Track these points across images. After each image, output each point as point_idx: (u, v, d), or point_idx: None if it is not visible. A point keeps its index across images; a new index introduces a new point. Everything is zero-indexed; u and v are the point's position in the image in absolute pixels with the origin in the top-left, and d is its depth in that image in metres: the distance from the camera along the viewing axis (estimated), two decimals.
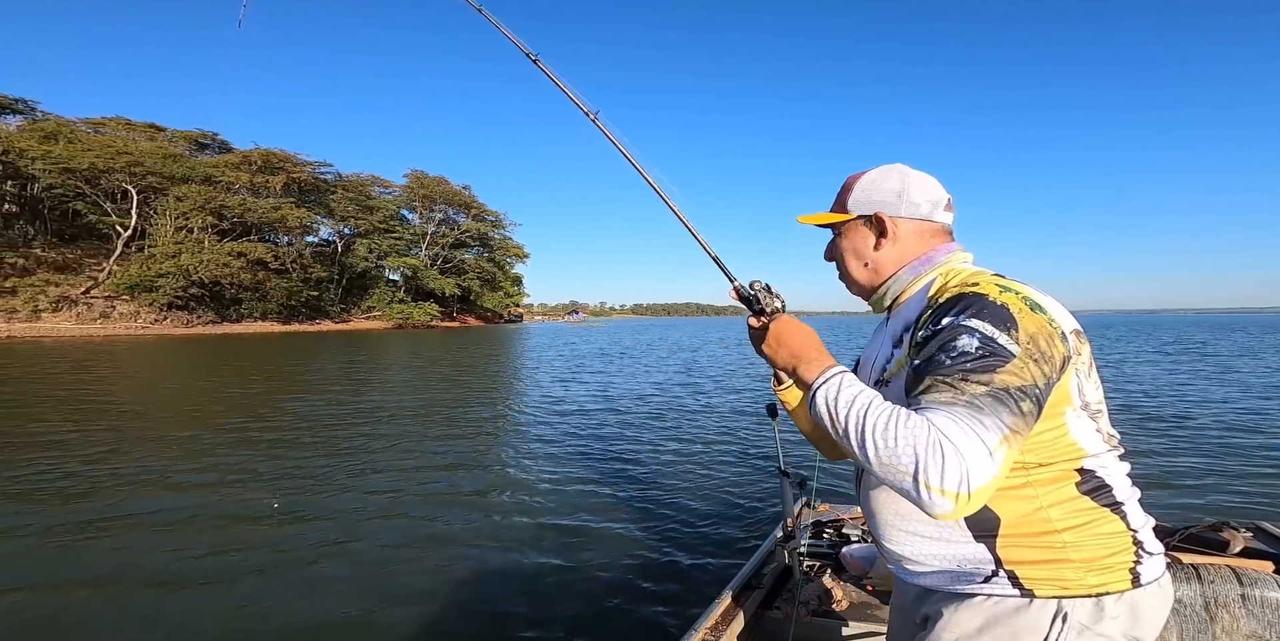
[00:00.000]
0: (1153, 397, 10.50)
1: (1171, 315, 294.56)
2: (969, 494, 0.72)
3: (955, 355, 0.80)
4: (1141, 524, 0.95)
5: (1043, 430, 0.87)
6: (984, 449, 0.74)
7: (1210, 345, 26.83)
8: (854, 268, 1.10)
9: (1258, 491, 4.82)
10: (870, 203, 1.07)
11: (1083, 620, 0.88)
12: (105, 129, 50.09)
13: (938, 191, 1.07)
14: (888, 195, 1.06)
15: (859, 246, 1.09)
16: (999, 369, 0.78)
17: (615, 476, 5.31)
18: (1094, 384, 0.93)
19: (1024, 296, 0.87)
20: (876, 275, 1.08)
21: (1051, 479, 0.90)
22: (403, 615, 2.89)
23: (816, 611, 2.01)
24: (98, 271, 43.88)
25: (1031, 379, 0.79)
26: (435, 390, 11.97)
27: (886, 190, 1.06)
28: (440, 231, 70.28)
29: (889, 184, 1.06)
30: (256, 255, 48.23)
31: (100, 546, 3.75)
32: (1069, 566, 0.89)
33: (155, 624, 2.86)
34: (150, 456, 6.02)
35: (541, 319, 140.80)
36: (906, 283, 1.05)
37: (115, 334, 38.37)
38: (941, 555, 0.97)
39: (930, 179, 1.09)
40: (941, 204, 1.07)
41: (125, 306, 42.95)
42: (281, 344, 29.98)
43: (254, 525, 4.14)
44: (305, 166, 57.20)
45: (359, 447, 6.50)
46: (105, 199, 45.07)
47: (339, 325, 55.71)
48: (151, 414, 8.76)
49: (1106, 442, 0.94)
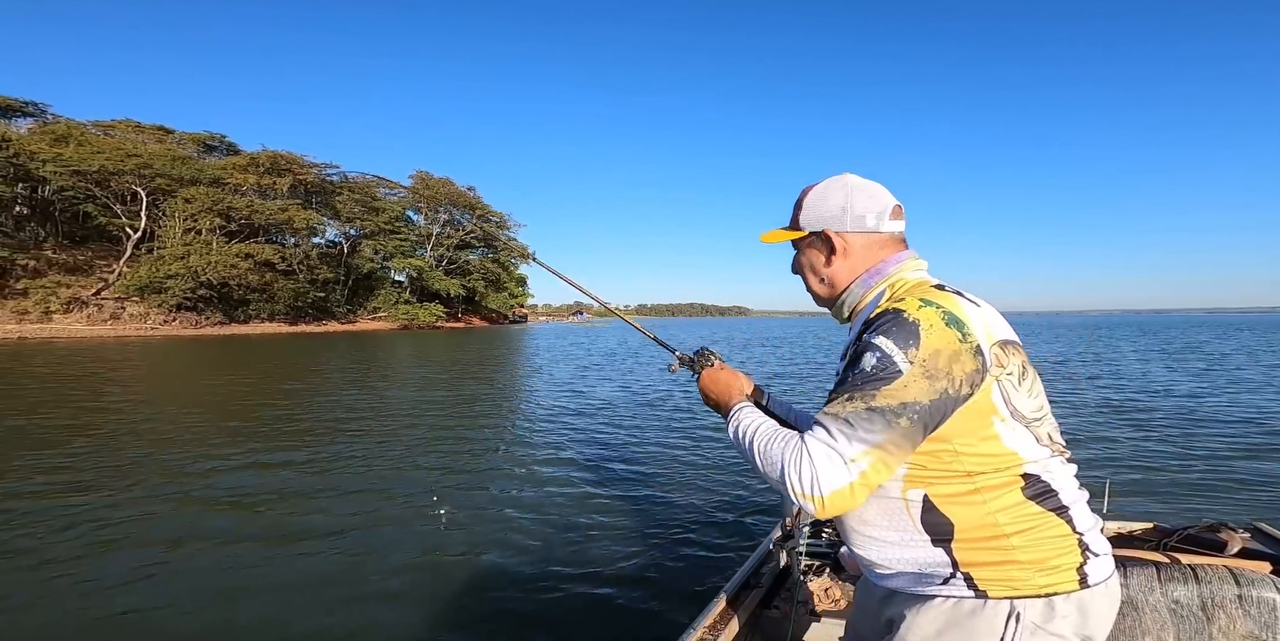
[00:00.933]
0: (1151, 397, 10.54)
1: (1181, 315, 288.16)
2: (823, 497, 0.85)
3: (856, 372, 0.91)
4: (1088, 526, 0.98)
5: (972, 440, 0.93)
6: (839, 459, 0.86)
7: (1209, 345, 26.69)
8: (813, 283, 1.15)
9: (1255, 491, 4.81)
10: (818, 219, 1.10)
11: (1035, 619, 0.93)
12: (115, 131, 50.55)
13: (881, 201, 1.09)
14: (833, 211, 1.08)
15: (814, 262, 1.13)
16: (883, 388, 0.87)
17: (616, 476, 5.33)
18: (1027, 393, 0.95)
19: (944, 311, 0.91)
20: (833, 289, 1.12)
21: (998, 485, 0.94)
22: (397, 611, 2.89)
23: (815, 610, 2.02)
24: (108, 273, 44.25)
25: (916, 396, 0.86)
26: (443, 390, 12.12)
27: (832, 206, 1.08)
28: (445, 232, 70.56)
29: (834, 199, 1.09)
30: (264, 256, 48.49)
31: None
32: (1018, 567, 0.92)
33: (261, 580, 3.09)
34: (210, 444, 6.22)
35: (546, 319, 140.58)
36: (860, 296, 1.09)
37: (125, 335, 38.70)
38: (904, 558, 1.00)
39: (875, 189, 1.10)
40: (887, 213, 1.08)
41: (135, 307, 43.28)
42: (291, 345, 30.13)
43: (249, 512, 4.22)
44: (312, 168, 57.43)
45: (363, 446, 6.59)
46: (115, 201, 45.41)
47: (345, 326, 55.99)
48: (205, 406, 8.98)
49: (1049, 448, 0.97)
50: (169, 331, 42.47)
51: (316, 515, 4.38)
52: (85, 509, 4.51)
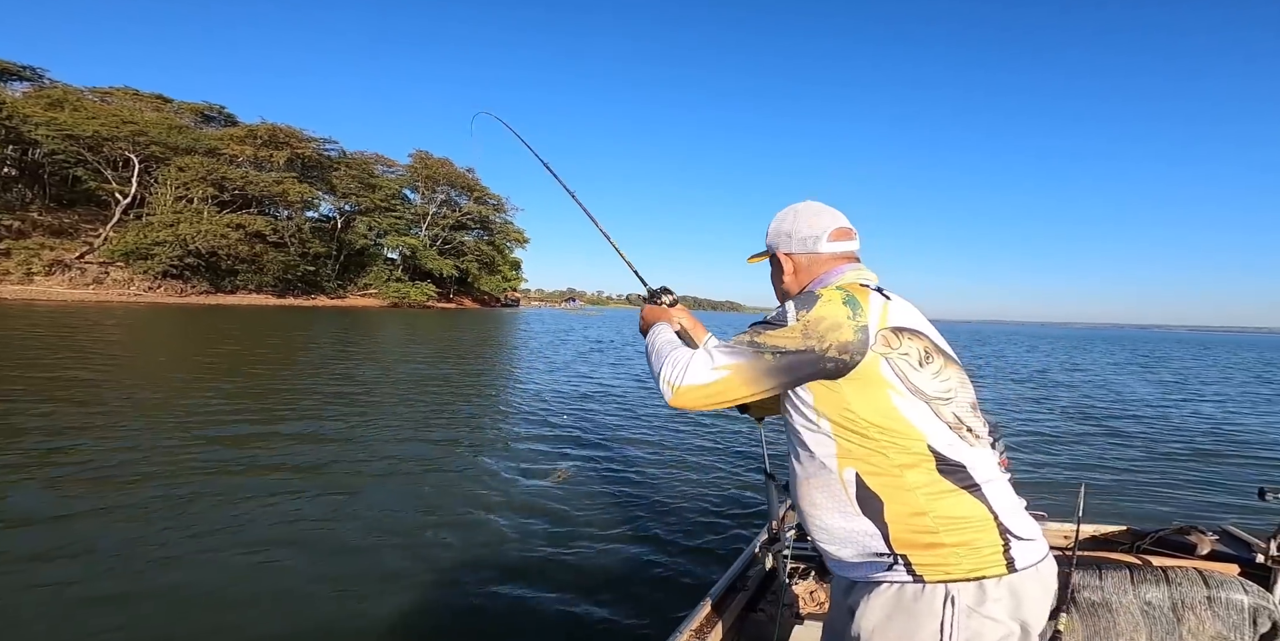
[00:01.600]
0: (1127, 405, 10.78)
1: (1162, 330, 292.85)
2: (679, 385, 1.06)
3: (760, 320, 1.13)
4: (1006, 508, 1.04)
5: (870, 409, 1.05)
6: (708, 363, 1.06)
7: (1184, 360, 27.65)
8: (777, 295, 1.35)
9: (1224, 496, 4.92)
10: (772, 243, 1.32)
11: (969, 602, 0.99)
12: (112, 98, 49.74)
13: (821, 224, 1.26)
14: (780, 235, 1.30)
15: (775, 278, 1.35)
16: (766, 330, 1.08)
17: (601, 478, 5.22)
18: (932, 375, 1.07)
19: (847, 294, 1.09)
20: (786, 298, 1.24)
21: (911, 460, 1.04)
22: (374, 610, 2.79)
23: (800, 613, 2.03)
24: (94, 237, 43.65)
25: (785, 343, 1.05)
26: (431, 372, 11.95)
27: (780, 231, 1.30)
28: (441, 212, 70.09)
29: (782, 225, 1.30)
30: (255, 227, 47.99)
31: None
32: (948, 551, 1.00)
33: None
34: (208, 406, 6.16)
35: (539, 304, 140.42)
36: None
37: (108, 300, 38.27)
38: (850, 541, 1.09)
39: (819, 214, 1.28)
40: (825, 235, 1.25)
41: (119, 273, 42.71)
42: (278, 317, 29.87)
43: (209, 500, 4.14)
44: (310, 142, 56.80)
45: (343, 431, 6.43)
46: (106, 166, 44.68)
47: (334, 301, 55.61)
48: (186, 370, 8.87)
49: (954, 430, 1.06)
50: (153, 298, 41.98)
51: (284, 504, 4.14)
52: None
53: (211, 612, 2.75)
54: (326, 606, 2.85)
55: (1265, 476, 5.76)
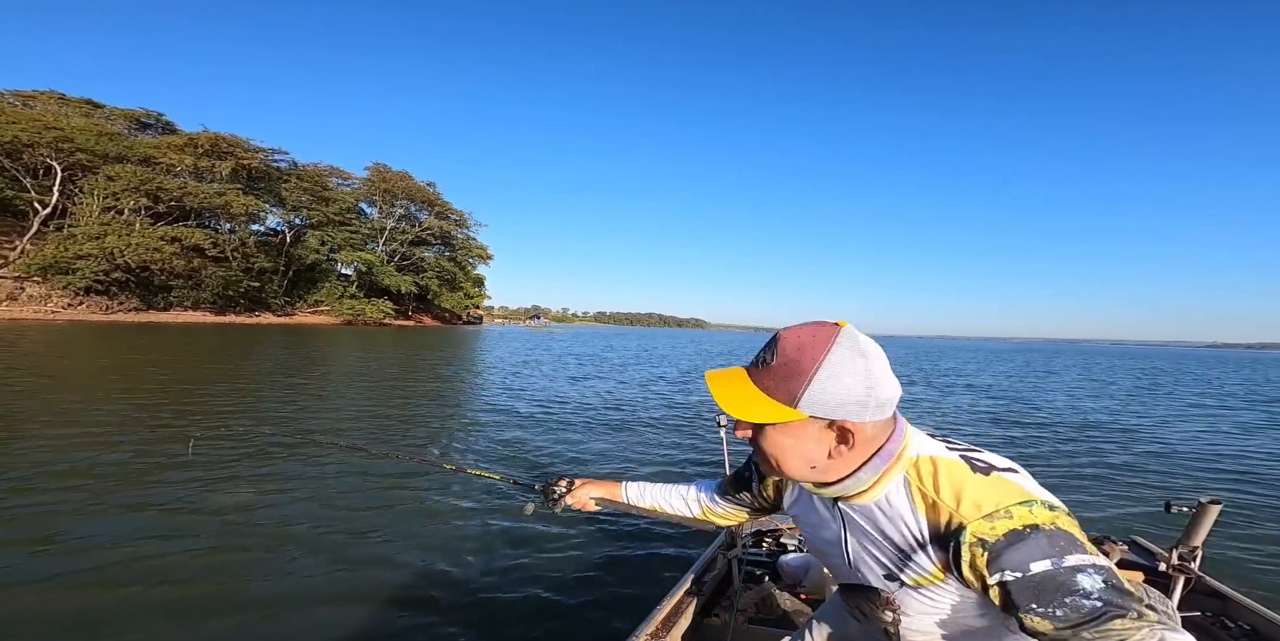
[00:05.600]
0: (1051, 416, 10.74)
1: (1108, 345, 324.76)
2: None
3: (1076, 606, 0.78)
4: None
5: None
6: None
7: (1110, 372, 29.24)
8: (794, 468, 0.93)
9: (1135, 507, 5.04)
10: (833, 406, 0.86)
11: None
12: (35, 103, 46.71)
13: (897, 383, 0.90)
14: (853, 396, 0.85)
15: (808, 451, 0.90)
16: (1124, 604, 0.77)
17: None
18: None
19: (1052, 504, 0.84)
20: (823, 476, 0.93)
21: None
22: (316, 620, 2.68)
23: (754, 618, 2.04)
24: (9, 250, 40.43)
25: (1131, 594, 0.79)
26: (384, 388, 11.44)
27: (855, 390, 0.85)
28: (400, 227, 67.79)
29: (853, 382, 0.85)
30: (193, 241, 45.14)
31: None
32: None
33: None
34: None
35: (502, 321, 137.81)
36: (866, 481, 0.92)
37: (21, 317, 35.24)
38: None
39: (887, 364, 0.89)
40: (899, 394, 0.90)
41: (36, 289, 39.59)
42: (215, 336, 27.42)
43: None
44: (257, 153, 54.32)
45: (299, 443, 5.86)
46: (26, 174, 41.73)
47: (281, 318, 52.62)
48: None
49: None
50: (73, 316, 38.77)
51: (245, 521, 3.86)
52: None
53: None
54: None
55: (1168, 487, 5.87)
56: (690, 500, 1.38)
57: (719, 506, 1.34)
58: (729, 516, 1.35)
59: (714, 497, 1.35)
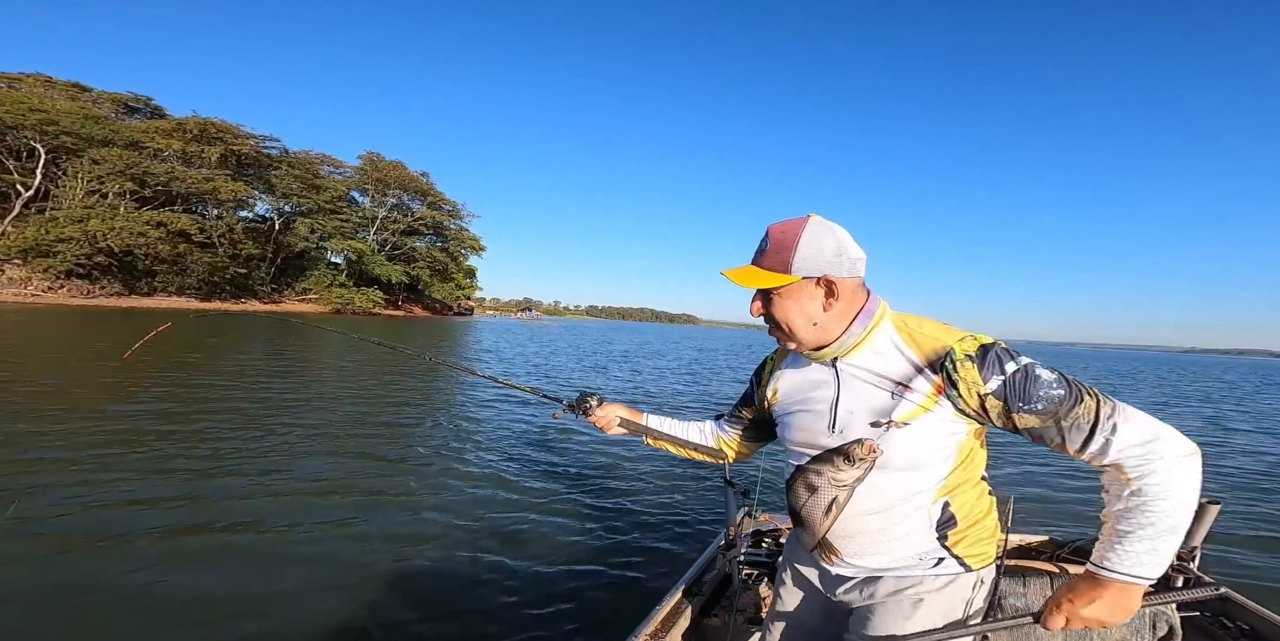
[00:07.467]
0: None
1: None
2: (1194, 453, 1.06)
3: (1053, 398, 1.02)
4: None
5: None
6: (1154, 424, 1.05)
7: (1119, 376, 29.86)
8: (802, 328, 1.14)
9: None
10: (816, 265, 1.10)
11: (987, 581, 1.19)
12: (21, 85, 46.25)
13: (860, 248, 1.15)
14: (831, 256, 1.10)
15: (808, 308, 1.12)
16: (1076, 392, 1.03)
17: (559, 482, 5.07)
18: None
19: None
20: (825, 333, 1.14)
21: (981, 473, 1.19)
22: (328, 613, 2.73)
23: (753, 619, 2.03)
24: None
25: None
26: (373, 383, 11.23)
27: (829, 250, 1.10)
28: (392, 217, 67.42)
29: (827, 243, 1.10)
30: (179, 226, 44.67)
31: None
32: (988, 542, 1.16)
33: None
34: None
35: (493, 313, 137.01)
36: (859, 336, 1.13)
37: (1, 300, 35.08)
38: (904, 552, 1.15)
39: (849, 235, 1.14)
40: (865, 257, 1.15)
41: (16, 271, 39.29)
42: (196, 321, 27.43)
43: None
44: (248, 139, 53.87)
45: (283, 439, 5.92)
46: (9, 156, 41.35)
47: (268, 306, 52.19)
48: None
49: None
50: (53, 299, 38.46)
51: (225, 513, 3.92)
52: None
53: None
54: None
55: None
56: (706, 431, 1.55)
57: (728, 433, 1.52)
58: (735, 444, 1.52)
59: (723, 426, 1.53)
